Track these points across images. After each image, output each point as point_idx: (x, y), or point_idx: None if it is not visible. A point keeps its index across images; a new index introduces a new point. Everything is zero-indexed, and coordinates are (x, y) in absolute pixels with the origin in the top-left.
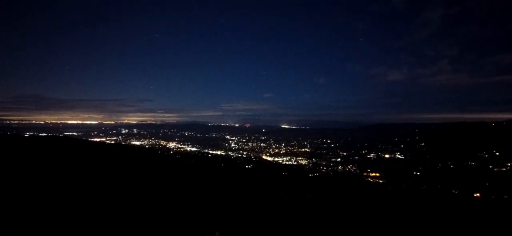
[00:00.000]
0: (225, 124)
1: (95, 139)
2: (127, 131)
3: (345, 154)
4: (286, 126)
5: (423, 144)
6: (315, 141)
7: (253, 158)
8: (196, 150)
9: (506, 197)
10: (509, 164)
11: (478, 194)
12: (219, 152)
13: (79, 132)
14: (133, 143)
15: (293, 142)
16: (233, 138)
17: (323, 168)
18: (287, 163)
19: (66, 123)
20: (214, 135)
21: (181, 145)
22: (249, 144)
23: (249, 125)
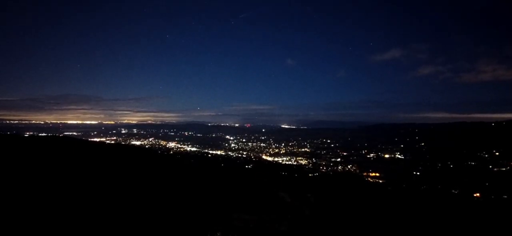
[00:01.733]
0: (225, 124)
1: (95, 139)
2: (127, 131)
3: (345, 154)
4: (286, 126)
5: (423, 144)
6: (315, 141)
7: (253, 158)
8: (196, 150)
9: (506, 197)
10: (509, 164)
11: (478, 194)
12: (219, 152)
13: (79, 132)
14: (133, 143)
15: (293, 142)
16: (233, 138)
17: (323, 168)
18: (287, 163)
19: (66, 123)
20: (214, 135)
21: (181, 145)
22: (249, 144)
23: (249, 125)
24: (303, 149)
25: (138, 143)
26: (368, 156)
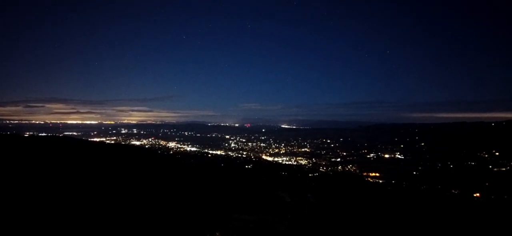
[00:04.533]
0: (225, 124)
1: (95, 139)
2: (127, 131)
3: (345, 154)
4: (286, 126)
5: (423, 144)
6: (315, 141)
7: (253, 158)
8: (196, 150)
9: (506, 197)
10: (509, 164)
11: (478, 194)
12: (219, 152)
13: (79, 132)
14: (133, 143)
15: (293, 142)
16: (233, 138)
17: (322, 168)
18: (287, 163)
19: (66, 123)
20: (214, 135)
21: (181, 145)
22: (249, 144)
23: (249, 125)
24: (303, 149)
25: (138, 143)
26: (368, 156)
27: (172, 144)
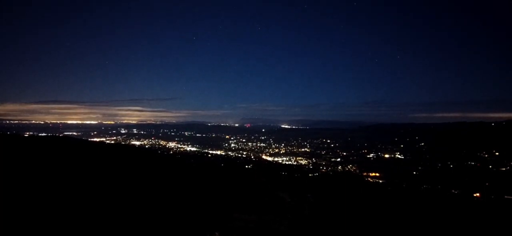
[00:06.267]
0: (225, 124)
1: (95, 139)
2: (127, 131)
3: (345, 154)
4: (286, 126)
5: (423, 144)
6: (315, 141)
7: (253, 158)
8: (196, 150)
9: (506, 197)
10: (509, 164)
11: (478, 194)
12: (219, 152)
13: (79, 132)
14: (133, 143)
15: (293, 142)
16: (233, 138)
17: (323, 168)
18: (287, 163)
19: (66, 123)
20: (214, 135)
21: (181, 145)
22: (249, 144)
23: (249, 125)
24: (303, 149)
25: (138, 143)
26: (368, 156)
27: (172, 144)
